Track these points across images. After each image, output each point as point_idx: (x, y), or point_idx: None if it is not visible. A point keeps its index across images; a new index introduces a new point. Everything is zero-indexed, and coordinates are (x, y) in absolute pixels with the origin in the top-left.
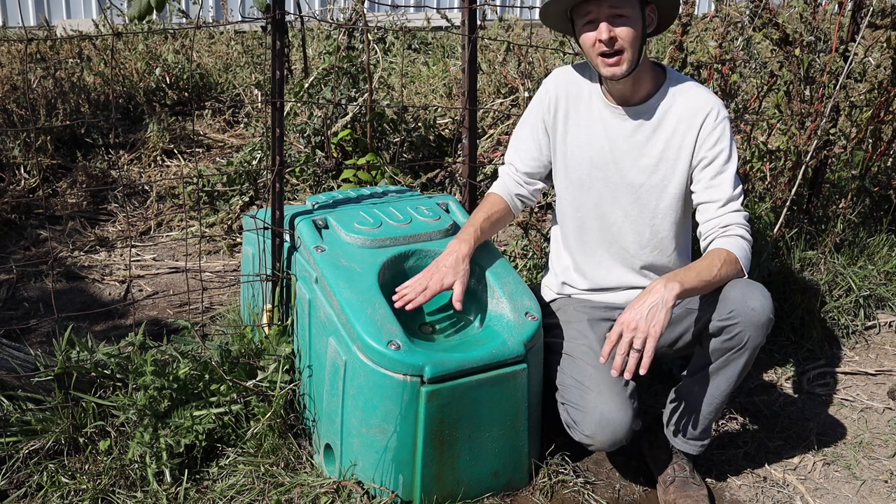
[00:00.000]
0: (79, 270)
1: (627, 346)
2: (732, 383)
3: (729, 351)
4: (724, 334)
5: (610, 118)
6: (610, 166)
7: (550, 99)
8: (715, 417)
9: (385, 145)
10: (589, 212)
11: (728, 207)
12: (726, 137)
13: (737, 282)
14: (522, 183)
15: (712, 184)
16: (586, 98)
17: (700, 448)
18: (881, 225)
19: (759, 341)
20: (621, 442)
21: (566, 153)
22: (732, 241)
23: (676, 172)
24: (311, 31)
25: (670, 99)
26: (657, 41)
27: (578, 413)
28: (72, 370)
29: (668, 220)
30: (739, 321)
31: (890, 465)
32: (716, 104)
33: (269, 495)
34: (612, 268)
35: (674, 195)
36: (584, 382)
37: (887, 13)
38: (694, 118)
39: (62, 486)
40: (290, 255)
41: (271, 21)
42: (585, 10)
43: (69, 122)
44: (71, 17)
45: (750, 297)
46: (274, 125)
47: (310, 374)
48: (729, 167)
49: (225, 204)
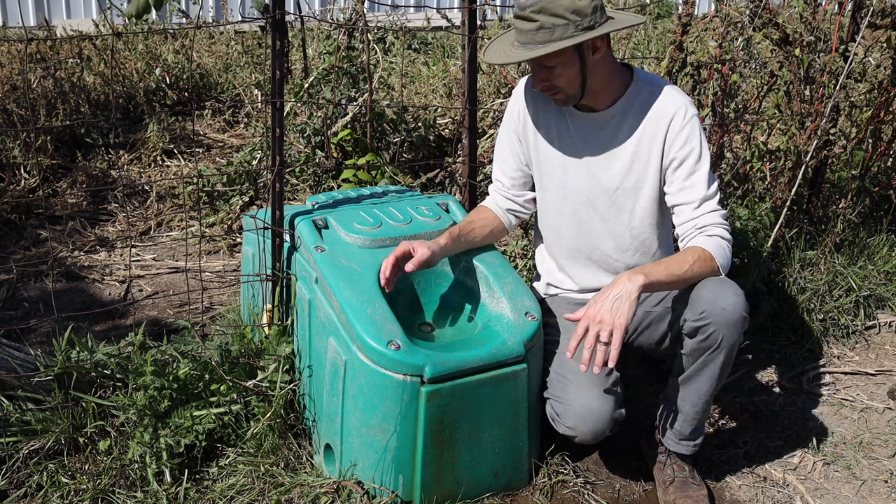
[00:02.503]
0: (79, 270)
1: (594, 340)
2: (714, 383)
3: (706, 351)
4: (699, 335)
5: (579, 123)
6: (583, 172)
7: (519, 110)
8: (703, 417)
9: (385, 145)
10: (568, 218)
11: (703, 208)
12: (696, 137)
13: (708, 281)
14: (511, 197)
15: (685, 185)
16: (554, 106)
17: (693, 448)
18: (881, 225)
19: (735, 340)
20: (604, 433)
21: (540, 161)
22: (710, 241)
23: (649, 174)
24: (311, 31)
25: (638, 101)
26: (657, 41)
27: (560, 405)
28: (72, 370)
29: (646, 222)
30: (712, 321)
31: (890, 465)
32: (683, 104)
33: (269, 495)
34: (596, 272)
35: (649, 196)
36: (566, 375)
37: (887, 13)
38: (661, 119)
39: (62, 486)
40: (290, 255)
41: (271, 21)
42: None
43: (69, 122)
44: (71, 17)
45: (720, 296)
46: (274, 125)
47: (310, 374)
48: (701, 166)
49: (225, 204)
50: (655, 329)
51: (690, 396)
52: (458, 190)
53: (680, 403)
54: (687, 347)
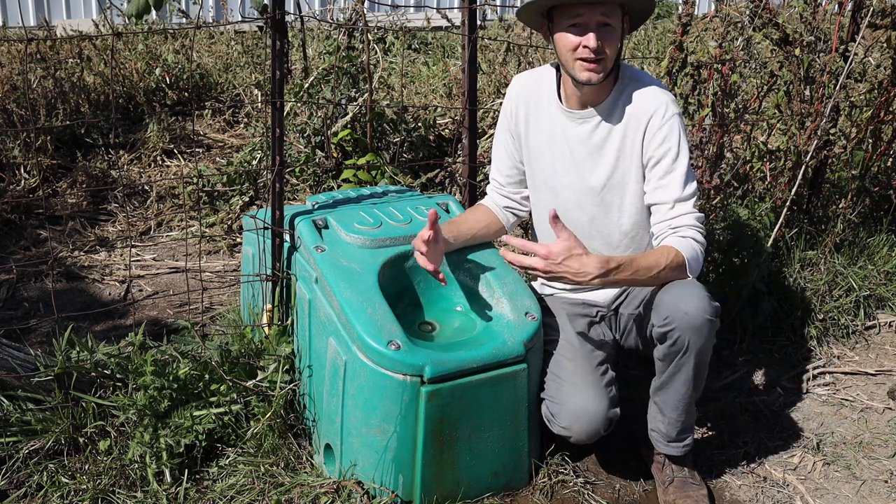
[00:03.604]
0: (79, 270)
1: (526, 267)
2: (690, 386)
3: (675, 356)
4: (667, 340)
5: (567, 123)
6: (572, 171)
7: (512, 108)
8: (688, 419)
9: (385, 145)
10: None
11: (678, 209)
12: (674, 136)
13: (672, 285)
14: (507, 195)
15: (661, 184)
16: (545, 105)
17: (682, 449)
18: (881, 225)
19: (702, 343)
20: (598, 433)
21: (531, 159)
22: (683, 242)
23: (633, 172)
24: (311, 31)
25: (623, 98)
26: (657, 41)
27: (555, 406)
28: (72, 370)
29: (635, 219)
30: (676, 326)
31: (890, 465)
32: (663, 102)
33: (269, 495)
34: None
35: (635, 194)
36: (560, 375)
37: (887, 13)
38: (641, 117)
39: (62, 486)
40: (290, 255)
41: (271, 21)
42: (575, 11)
43: (69, 122)
44: (71, 17)
45: (682, 300)
46: (274, 125)
47: (310, 374)
48: (678, 166)
49: (225, 204)
50: (640, 331)
51: (670, 401)
52: (458, 190)
53: (662, 407)
54: (658, 353)
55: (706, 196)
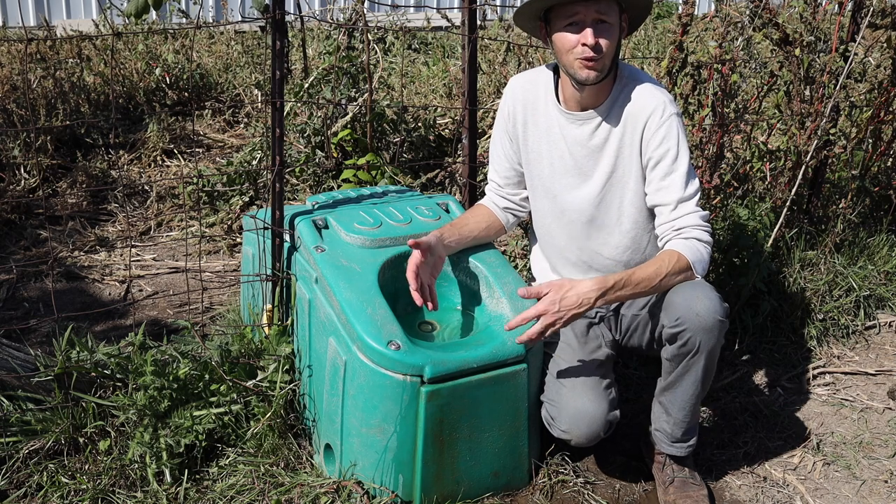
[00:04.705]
0: (79, 270)
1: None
2: (698, 387)
3: (685, 357)
4: (677, 341)
5: (566, 125)
6: (572, 173)
7: (510, 109)
8: (693, 419)
9: (385, 145)
10: (558, 218)
11: (680, 209)
12: (673, 136)
13: (682, 286)
14: (506, 196)
15: (662, 185)
16: (542, 106)
17: (686, 450)
18: (881, 225)
19: (713, 344)
20: (598, 436)
21: (529, 161)
22: (685, 244)
23: (632, 173)
24: (311, 31)
25: (621, 98)
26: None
27: (555, 409)
28: (72, 370)
29: (634, 220)
30: (687, 327)
31: (890, 465)
32: (661, 103)
33: (269, 495)
34: (588, 272)
35: (634, 195)
36: (560, 378)
37: (887, 13)
38: (639, 118)
39: (62, 486)
40: (290, 255)
41: (271, 21)
42: (571, 10)
43: (69, 122)
44: (71, 17)
45: (694, 301)
46: (274, 125)
47: (310, 374)
48: (678, 166)
49: (225, 204)
50: (644, 332)
51: (677, 401)
52: (458, 190)
53: (668, 407)
54: (667, 353)
55: (706, 196)
